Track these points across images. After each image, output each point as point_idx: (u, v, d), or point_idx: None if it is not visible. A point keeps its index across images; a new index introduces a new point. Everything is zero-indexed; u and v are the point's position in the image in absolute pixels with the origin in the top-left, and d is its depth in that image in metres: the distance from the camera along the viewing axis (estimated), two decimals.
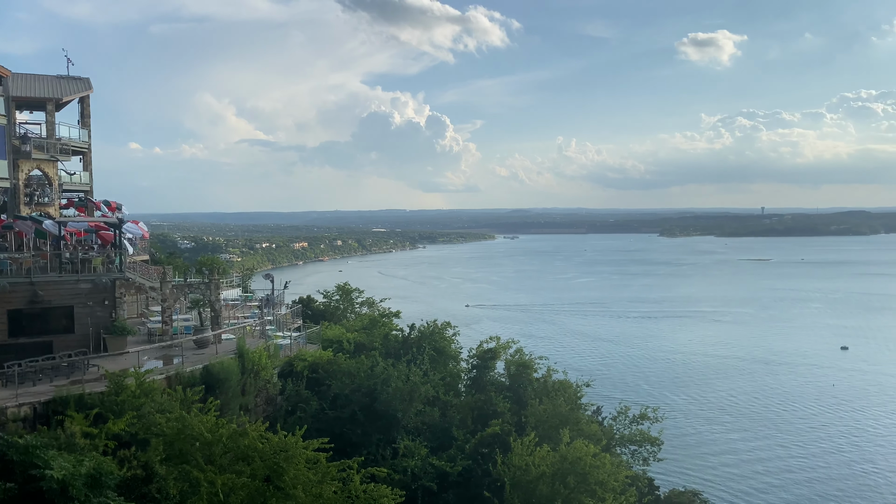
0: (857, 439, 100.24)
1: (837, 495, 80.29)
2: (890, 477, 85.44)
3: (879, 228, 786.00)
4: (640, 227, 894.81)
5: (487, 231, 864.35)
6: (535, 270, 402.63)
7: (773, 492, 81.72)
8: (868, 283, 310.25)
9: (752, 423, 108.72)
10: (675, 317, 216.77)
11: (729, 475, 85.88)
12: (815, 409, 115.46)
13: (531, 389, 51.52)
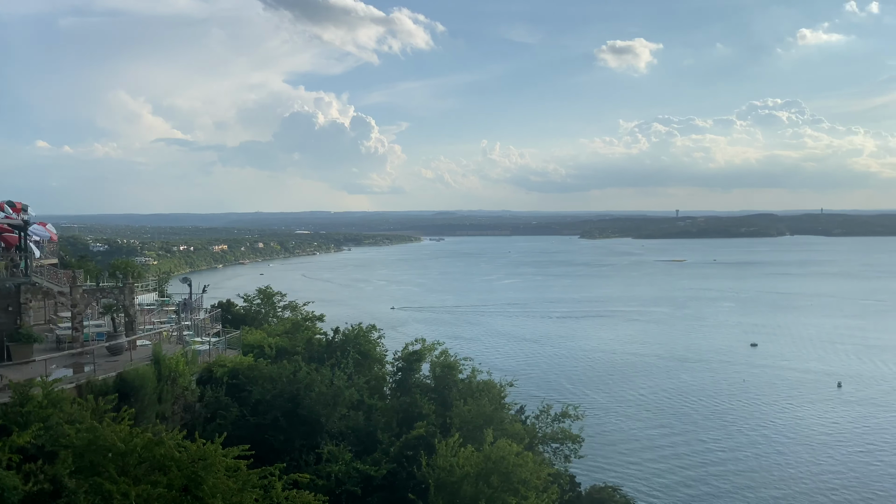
0: (768, 432, 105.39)
1: (752, 486, 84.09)
2: (799, 468, 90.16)
3: (785, 230, 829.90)
4: (561, 230, 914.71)
5: (413, 233, 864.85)
6: (461, 272, 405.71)
7: (692, 485, 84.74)
8: (775, 282, 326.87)
9: (670, 418, 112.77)
10: (596, 316, 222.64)
11: (648, 470, 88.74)
12: (729, 404, 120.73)
13: (456, 390, 51.80)
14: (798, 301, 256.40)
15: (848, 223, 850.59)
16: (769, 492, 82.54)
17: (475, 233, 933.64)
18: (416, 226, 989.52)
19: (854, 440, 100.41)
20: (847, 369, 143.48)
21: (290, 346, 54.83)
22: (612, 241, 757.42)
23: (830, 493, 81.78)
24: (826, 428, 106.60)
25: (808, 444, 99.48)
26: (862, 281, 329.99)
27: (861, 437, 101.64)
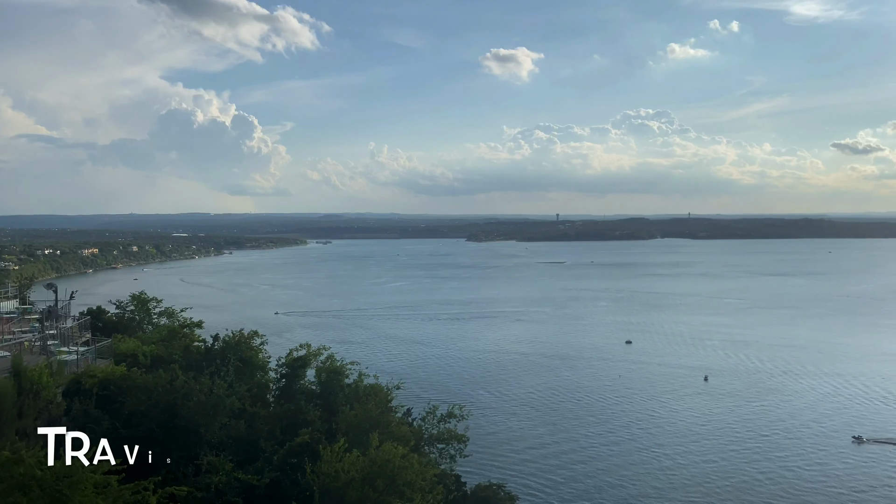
0: (646, 425, 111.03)
1: (634, 478, 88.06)
2: (676, 459, 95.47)
3: (656, 234, 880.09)
4: (449, 232, 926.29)
5: (299, 236, 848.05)
6: (349, 276, 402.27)
7: (578, 480, 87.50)
8: (648, 283, 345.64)
9: (553, 415, 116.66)
10: (482, 317, 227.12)
11: (533, 466, 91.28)
12: (607, 400, 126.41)
13: (342, 395, 51.37)
14: (669, 300, 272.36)
15: (712, 227, 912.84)
16: (650, 483, 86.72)
17: (363, 236, 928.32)
18: (302, 228, 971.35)
19: (722, 430, 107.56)
20: (713, 364, 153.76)
21: (167, 354, 52.55)
22: (498, 243, 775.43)
23: (704, 483, 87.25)
24: (697, 419, 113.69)
25: (682, 435, 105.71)
26: (725, 281, 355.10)
27: (728, 428, 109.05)
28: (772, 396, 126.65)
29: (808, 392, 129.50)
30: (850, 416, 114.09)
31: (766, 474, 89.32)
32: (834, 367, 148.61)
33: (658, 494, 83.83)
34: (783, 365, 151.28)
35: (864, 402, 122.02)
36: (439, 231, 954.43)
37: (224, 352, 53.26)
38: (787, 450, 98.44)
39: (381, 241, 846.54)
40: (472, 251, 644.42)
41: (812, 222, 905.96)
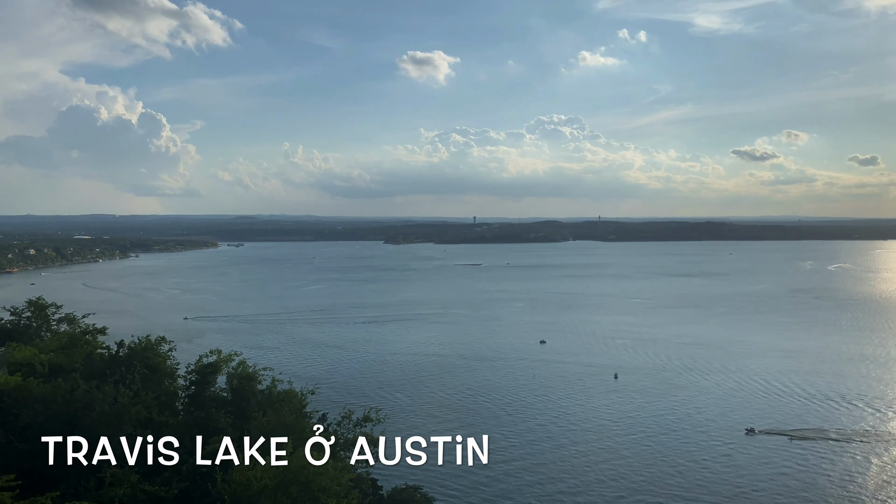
0: (560, 422, 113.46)
1: (551, 476, 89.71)
2: (590, 455, 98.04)
3: (568, 236, 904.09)
4: (366, 235, 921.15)
5: (210, 238, 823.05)
6: (263, 279, 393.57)
7: (499, 479, 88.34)
8: (561, 284, 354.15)
9: (471, 415, 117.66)
10: (400, 320, 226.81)
11: (451, 468, 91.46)
12: (524, 398, 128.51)
13: (255, 402, 50.14)
14: (581, 301, 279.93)
15: (621, 230, 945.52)
16: (567, 480, 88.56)
17: (278, 238, 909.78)
18: (214, 230, 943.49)
19: (633, 427, 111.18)
20: (623, 362, 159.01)
21: (67, 362, 49.93)
22: (416, 245, 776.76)
23: (619, 478, 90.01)
24: (609, 416, 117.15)
25: (596, 432, 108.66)
26: (634, 281, 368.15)
27: (639, 424, 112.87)
28: (679, 393, 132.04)
29: (713, 388, 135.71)
30: (749, 409, 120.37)
31: (675, 467, 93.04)
32: (735, 363, 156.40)
33: (576, 491, 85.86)
34: (689, 362, 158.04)
35: (760, 396, 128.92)
36: (356, 233, 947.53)
37: (129, 359, 51.12)
38: (692, 444, 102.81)
39: (297, 243, 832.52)
40: (389, 253, 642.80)
41: (714, 225, 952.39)
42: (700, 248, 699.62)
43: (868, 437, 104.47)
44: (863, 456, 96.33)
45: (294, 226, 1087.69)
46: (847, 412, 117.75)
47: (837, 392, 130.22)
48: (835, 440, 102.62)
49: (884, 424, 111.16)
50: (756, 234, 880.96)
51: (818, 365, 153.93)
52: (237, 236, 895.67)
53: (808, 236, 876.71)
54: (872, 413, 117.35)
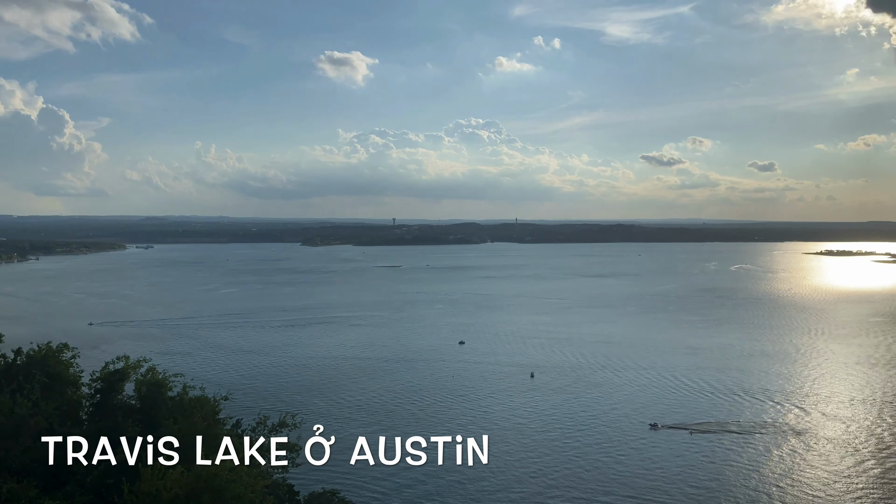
0: (480, 422, 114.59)
1: (471, 476, 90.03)
2: (511, 454, 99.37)
3: (487, 238, 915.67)
4: (283, 237, 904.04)
5: (117, 240, 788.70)
6: (174, 282, 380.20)
7: (421, 480, 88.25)
8: (480, 285, 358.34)
9: (390, 418, 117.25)
10: (319, 323, 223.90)
11: (370, 473, 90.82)
12: (443, 399, 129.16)
13: (165, 409, 48.40)
14: (499, 301, 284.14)
15: (537, 232, 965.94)
16: (487, 480, 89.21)
17: (190, 240, 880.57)
18: (121, 232, 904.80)
19: (550, 425, 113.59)
20: (539, 361, 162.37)
21: None
22: (335, 247, 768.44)
23: (539, 475, 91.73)
24: (527, 415, 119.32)
25: (515, 430, 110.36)
26: (549, 282, 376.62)
27: (555, 422, 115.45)
28: (594, 390, 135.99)
29: (625, 385, 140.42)
30: (657, 404, 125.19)
31: (591, 462, 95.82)
32: (645, 360, 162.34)
33: (495, 490, 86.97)
34: (602, 360, 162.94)
35: (669, 392, 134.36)
36: (272, 235, 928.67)
37: (28, 367, 48.42)
38: (604, 439, 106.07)
39: (210, 245, 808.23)
40: (307, 255, 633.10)
41: (624, 227, 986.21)
42: (611, 249, 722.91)
43: (766, 429, 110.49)
44: (761, 447, 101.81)
45: (207, 227, 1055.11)
46: (747, 406, 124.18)
47: (739, 386, 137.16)
48: (735, 433, 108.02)
49: (782, 417, 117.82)
50: (663, 237, 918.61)
51: (722, 361, 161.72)
52: (146, 238, 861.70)
53: (712, 238, 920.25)
54: (771, 406, 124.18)
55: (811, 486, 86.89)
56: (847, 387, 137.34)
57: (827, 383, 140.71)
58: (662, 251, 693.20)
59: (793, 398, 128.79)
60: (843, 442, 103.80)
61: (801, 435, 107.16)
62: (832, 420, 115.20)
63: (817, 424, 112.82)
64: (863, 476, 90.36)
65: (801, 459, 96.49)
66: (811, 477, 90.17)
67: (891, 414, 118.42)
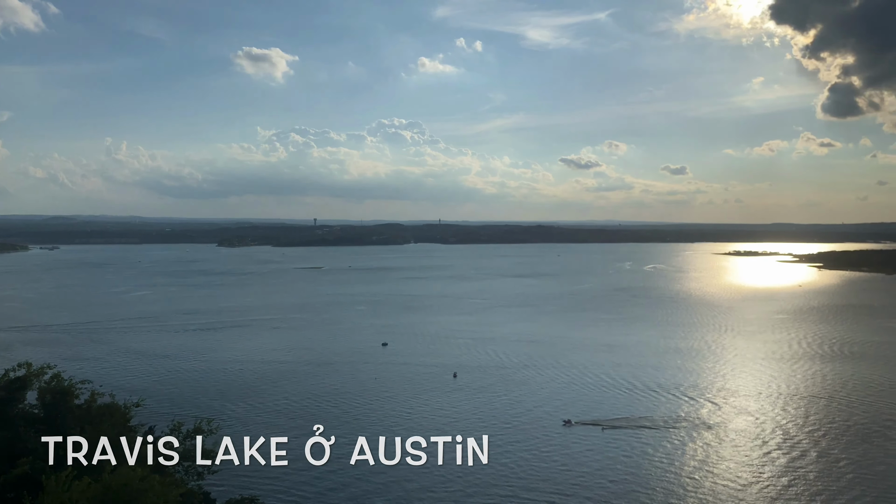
0: (404, 424, 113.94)
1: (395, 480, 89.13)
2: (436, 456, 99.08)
3: (410, 238, 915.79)
4: (198, 237, 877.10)
5: (18, 241, 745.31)
6: (81, 285, 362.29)
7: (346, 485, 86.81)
8: (403, 286, 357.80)
9: (311, 422, 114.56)
10: (237, 326, 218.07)
11: (290, 479, 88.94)
12: (366, 403, 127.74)
13: (72, 418, 46.06)
14: (422, 302, 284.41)
15: (460, 232, 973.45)
16: (413, 482, 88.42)
17: (99, 240, 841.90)
18: (24, 232, 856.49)
19: (473, 424, 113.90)
20: (462, 361, 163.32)
21: None
22: (253, 249, 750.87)
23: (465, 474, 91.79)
24: (450, 415, 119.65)
25: (440, 431, 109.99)
26: (472, 282, 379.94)
27: (478, 421, 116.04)
28: (516, 388, 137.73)
29: (547, 382, 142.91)
30: (575, 402, 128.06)
31: (513, 459, 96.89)
32: (564, 358, 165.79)
33: (421, 489, 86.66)
34: (524, 359, 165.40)
35: (587, 389, 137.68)
36: (187, 235, 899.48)
37: None
38: (526, 437, 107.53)
39: (120, 246, 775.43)
40: (224, 257, 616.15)
41: (544, 229, 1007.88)
42: (532, 249, 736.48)
43: (678, 423, 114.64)
44: (675, 441, 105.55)
45: (117, 227, 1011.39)
46: (660, 401, 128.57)
47: (654, 382, 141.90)
48: (647, 428, 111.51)
49: (694, 411, 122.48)
50: (581, 237, 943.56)
51: (637, 358, 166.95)
52: (52, 238, 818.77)
53: (627, 239, 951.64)
54: (684, 401, 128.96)
55: (722, 477, 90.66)
56: (755, 381, 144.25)
57: (736, 378, 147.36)
58: (581, 251, 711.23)
59: (704, 393, 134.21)
60: (753, 434, 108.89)
61: (713, 428, 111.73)
62: (742, 413, 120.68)
63: (728, 418, 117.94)
64: (770, 466, 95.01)
65: (713, 452, 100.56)
66: (723, 469, 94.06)
67: (794, 406, 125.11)
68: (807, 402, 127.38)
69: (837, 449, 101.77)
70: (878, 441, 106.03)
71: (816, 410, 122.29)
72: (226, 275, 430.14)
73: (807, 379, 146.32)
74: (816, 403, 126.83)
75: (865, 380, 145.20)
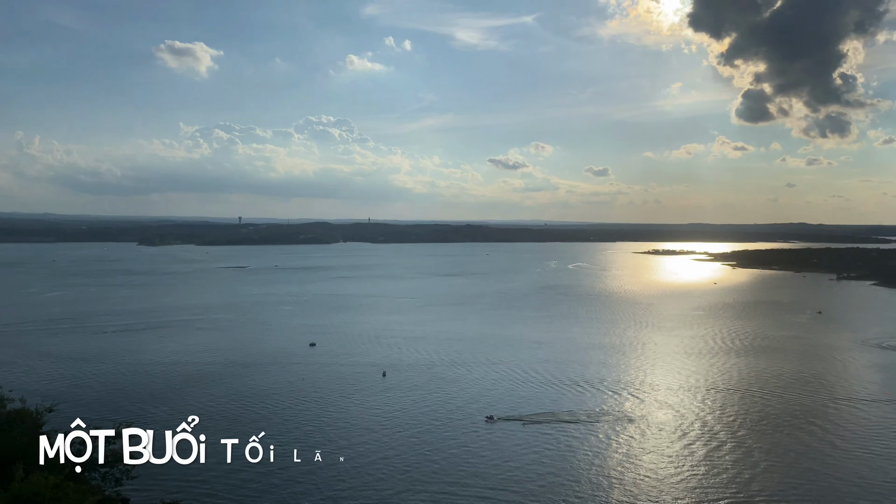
0: (334, 424, 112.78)
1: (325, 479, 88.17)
2: (365, 456, 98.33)
3: (339, 237, 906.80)
4: (118, 235, 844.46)
5: None
6: None
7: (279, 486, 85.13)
8: (332, 285, 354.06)
9: (237, 424, 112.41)
10: (159, 327, 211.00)
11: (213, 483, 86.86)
12: (294, 403, 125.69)
13: None
14: (351, 302, 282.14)
15: (390, 231, 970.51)
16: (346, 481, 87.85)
17: (9, 239, 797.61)
18: None
19: (402, 423, 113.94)
20: (392, 360, 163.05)
21: None
22: (175, 247, 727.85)
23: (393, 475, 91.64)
24: (379, 413, 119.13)
25: (369, 430, 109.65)
26: (402, 281, 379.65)
27: (408, 420, 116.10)
28: (444, 386, 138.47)
29: (476, 380, 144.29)
30: (502, 398, 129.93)
31: (444, 456, 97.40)
32: (493, 355, 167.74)
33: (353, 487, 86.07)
34: (453, 357, 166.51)
35: (514, 385, 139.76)
36: (106, 234, 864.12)
37: None
38: (452, 435, 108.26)
39: (33, 244, 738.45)
40: (145, 256, 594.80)
41: (473, 228, 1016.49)
42: (461, 249, 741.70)
43: (601, 417, 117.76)
44: (594, 435, 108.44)
45: (29, 225, 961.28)
46: (584, 396, 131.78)
47: (580, 377, 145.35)
48: (570, 422, 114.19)
49: (617, 405, 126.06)
50: (509, 237, 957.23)
51: (562, 354, 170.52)
52: None
53: (553, 239, 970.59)
54: (608, 395, 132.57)
55: (645, 469, 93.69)
56: (674, 375, 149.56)
57: (656, 373, 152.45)
58: (509, 251, 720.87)
59: (626, 387, 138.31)
60: (673, 427, 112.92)
61: (635, 422, 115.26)
62: (663, 407, 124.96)
63: (649, 411, 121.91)
64: (691, 457, 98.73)
65: (636, 444, 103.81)
66: (645, 461, 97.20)
67: (712, 399, 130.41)
68: (723, 395, 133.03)
69: (752, 439, 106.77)
70: (788, 430, 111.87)
71: (732, 403, 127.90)
72: (147, 274, 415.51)
73: (723, 373, 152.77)
74: (732, 396, 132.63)
75: (776, 372, 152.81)
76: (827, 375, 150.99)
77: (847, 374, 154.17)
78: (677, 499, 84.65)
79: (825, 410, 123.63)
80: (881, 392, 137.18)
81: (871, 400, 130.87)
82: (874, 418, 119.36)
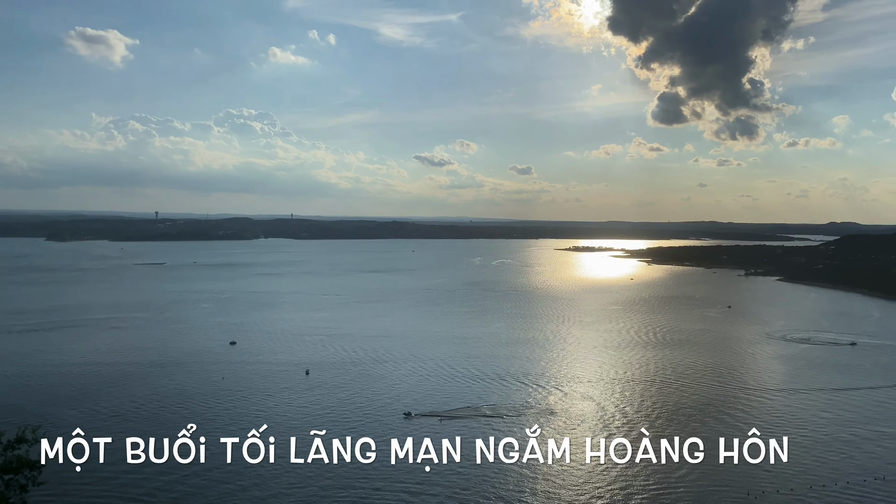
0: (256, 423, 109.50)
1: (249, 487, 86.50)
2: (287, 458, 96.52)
3: (260, 233, 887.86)
4: (23, 231, 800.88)
5: None
6: None
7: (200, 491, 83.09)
8: (253, 282, 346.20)
9: (152, 425, 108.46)
10: (70, 327, 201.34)
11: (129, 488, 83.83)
12: (213, 403, 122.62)
13: None
14: (273, 299, 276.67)
15: (313, 227, 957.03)
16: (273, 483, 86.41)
17: None
18: None
19: (327, 421, 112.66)
20: (315, 358, 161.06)
21: None
22: (87, 243, 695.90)
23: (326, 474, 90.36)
24: (300, 412, 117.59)
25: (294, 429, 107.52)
26: (326, 278, 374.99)
27: (332, 417, 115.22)
28: (368, 384, 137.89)
29: (402, 377, 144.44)
30: (434, 394, 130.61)
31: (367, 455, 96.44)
32: (418, 352, 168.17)
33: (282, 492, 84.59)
34: (378, 354, 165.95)
35: (438, 380, 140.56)
36: (10, 228, 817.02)
37: None
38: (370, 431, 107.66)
39: None
40: (54, 252, 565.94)
41: (399, 224, 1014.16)
42: (387, 245, 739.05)
43: (523, 410, 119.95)
44: (518, 428, 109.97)
45: None
46: (508, 390, 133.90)
47: (504, 371, 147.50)
48: (489, 416, 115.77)
49: (540, 398, 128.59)
50: (435, 233, 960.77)
51: (486, 349, 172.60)
52: None
53: (478, 235, 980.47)
54: (531, 389, 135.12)
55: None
56: (594, 368, 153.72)
57: (577, 365, 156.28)
58: (434, 247, 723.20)
59: (549, 381, 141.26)
60: (595, 418, 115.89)
61: (557, 414, 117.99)
62: (584, 399, 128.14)
63: (571, 403, 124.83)
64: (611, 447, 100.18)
65: (558, 436, 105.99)
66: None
67: (631, 390, 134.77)
68: (641, 387, 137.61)
69: (670, 428, 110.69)
70: (701, 419, 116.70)
71: (650, 394, 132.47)
72: (57, 271, 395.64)
73: (640, 365, 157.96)
74: (650, 387, 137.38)
75: (690, 364, 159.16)
76: (737, 366, 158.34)
77: (755, 364, 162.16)
78: (598, 487, 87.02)
79: (735, 399, 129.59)
80: (786, 381, 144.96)
81: (777, 389, 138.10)
82: (780, 406, 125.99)
